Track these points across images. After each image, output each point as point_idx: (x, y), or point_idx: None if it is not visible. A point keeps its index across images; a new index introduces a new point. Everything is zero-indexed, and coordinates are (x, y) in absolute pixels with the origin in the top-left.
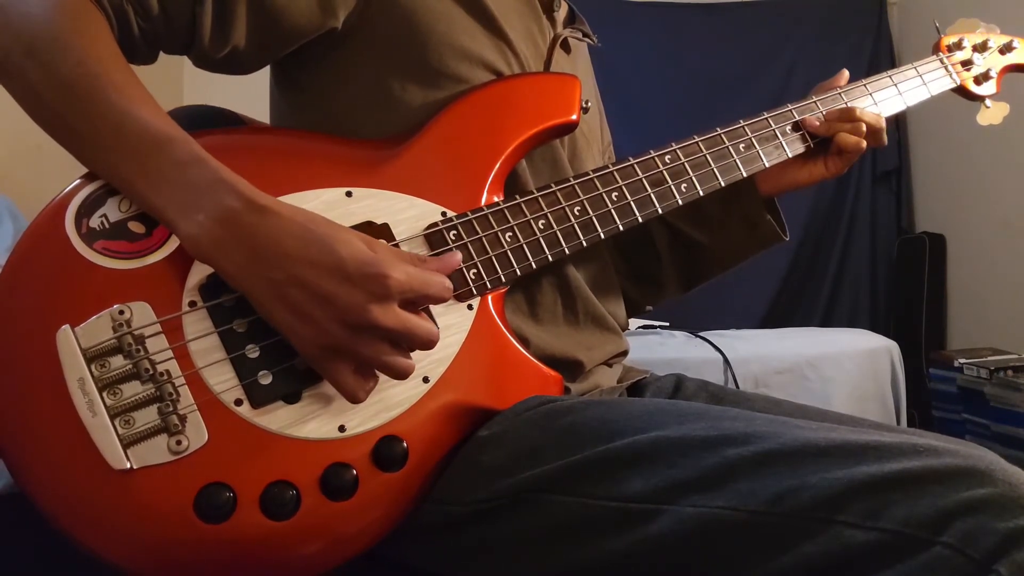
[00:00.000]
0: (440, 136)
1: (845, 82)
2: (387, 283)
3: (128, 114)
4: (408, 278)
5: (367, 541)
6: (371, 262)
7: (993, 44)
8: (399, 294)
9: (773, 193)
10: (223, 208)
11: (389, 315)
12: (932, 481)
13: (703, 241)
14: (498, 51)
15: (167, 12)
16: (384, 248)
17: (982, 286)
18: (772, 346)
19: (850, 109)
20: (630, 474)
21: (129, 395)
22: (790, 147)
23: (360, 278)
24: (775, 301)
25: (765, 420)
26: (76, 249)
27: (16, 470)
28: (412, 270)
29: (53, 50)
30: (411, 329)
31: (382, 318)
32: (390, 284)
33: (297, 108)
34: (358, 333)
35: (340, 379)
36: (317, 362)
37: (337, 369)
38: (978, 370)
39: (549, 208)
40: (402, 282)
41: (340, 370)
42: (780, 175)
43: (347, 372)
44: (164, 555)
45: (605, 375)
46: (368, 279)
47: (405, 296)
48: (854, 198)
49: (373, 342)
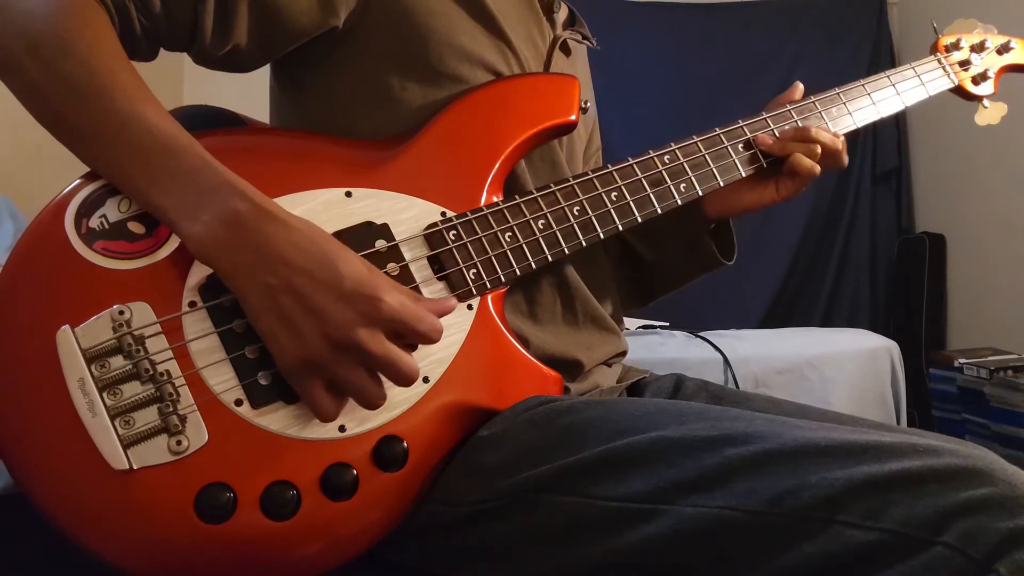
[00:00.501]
0: (440, 136)
1: (799, 96)
2: (379, 306)
3: (132, 114)
4: (401, 307)
5: (367, 541)
6: (367, 283)
7: (991, 44)
8: (389, 321)
9: (720, 215)
10: (230, 210)
11: (375, 340)
12: (932, 481)
13: (648, 258)
14: (498, 52)
15: (169, 10)
16: (384, 276)
17: (982, 286)
18: (772, 346)
19: (805, 129)
20: (630, 474)
21: (129, 395)
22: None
23: (353, 296)
24: (775, 301)
25: (765, 420)
26: (76, 249)
27: (16, 471)
28: (407, 301)
29: (55, 48)
30: (392, 360)
31: (366, 341)
32: (382, 308)
33: (297, 107)
34: (339, 352)
35: (313, 394)
36: (293, 374)
37: (311, 384)
38: (978, 370)
39: (548, 208)
40: (395, 309)
41: (314, 386)
42: (726, 197)
43: (320, 389)
44: (164, 555)
45: (605, 375)
46: (361, 299)
47: (394, 325)
48: (854, 198)
49: (351, 364)
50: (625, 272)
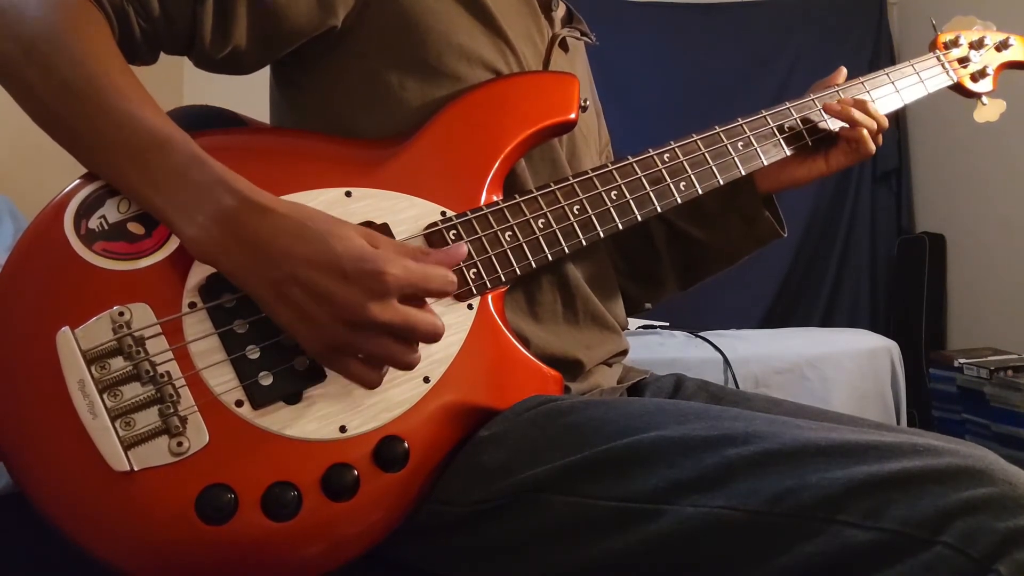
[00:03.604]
0: (439, 135)
1: (843, 79)
2: (384, 279)
3: (128, 115)
4: (407, 273)
5: (368, 541)
6: (368, 258)
7: (989, 41)
8: (397, 290)
9: (772, 190)
10: (222, 208)
11: (388, 311)
12: (932, 481)
13: (701, 238)
14: (497, 50)
15: (168, 13)
16: (385, 243)
17: (982, 286)
18: (772, 346)
19: (864, 101)
20: (630, 474)
21: (129, 397)
22: (788, 145)
23: (357, 275)
24: (775, 301)
25: (765, 420)
26: (75, 250)
27: (17, 472)
28: (412, 265)
29: (52, 51)
30: (412, 323)
31: (381, 315)
32: (387, 280)
33: (297, 107)
34: (359, 330)
35: (351, 372)
36: (325, 359)
37: (346, 364)
38: (978, 370)
39: (548, 207)
40: (400, 277)
41: (349, 364)
42: (779, 172)
43: (356, 364)
44: (165, 557)
45: (605, 375)
46: (365, 276)
47: (404, 292)
48: (854, 198)
49: (376, 337)
50: (672, 256)
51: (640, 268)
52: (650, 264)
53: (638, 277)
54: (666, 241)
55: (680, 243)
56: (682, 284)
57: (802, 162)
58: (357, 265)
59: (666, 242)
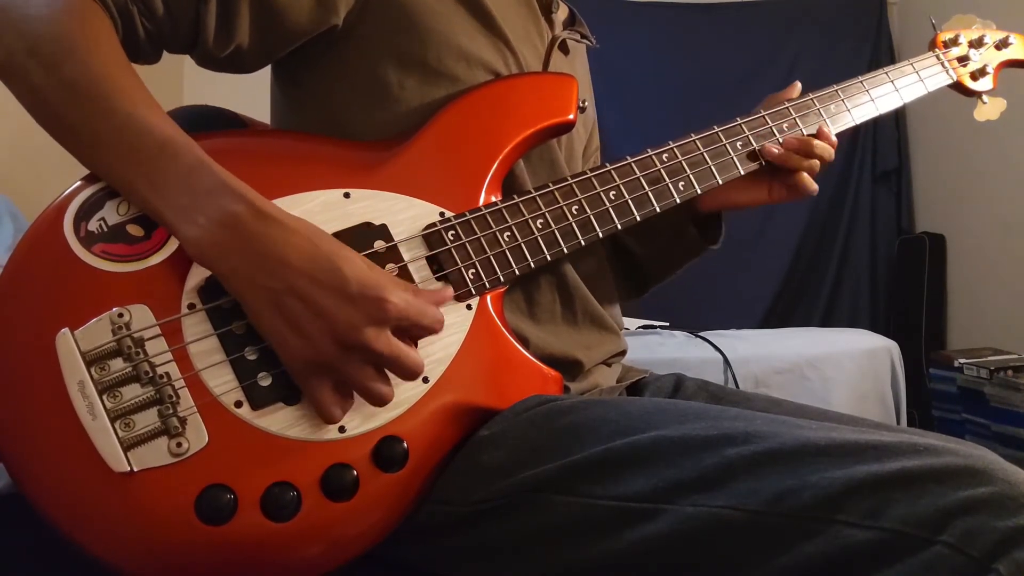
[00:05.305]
0: (438, 136)
1: (796, 95)
2: (386, 307)
3: (131, 116)
4: (406, 305)
5: (368, 542)
6: (372, 285)
7: (989, 40)
8: (395, 320)
9: (711, 211)
10: (227, 212)
11: (382, 339)
12: (932, 480)
13: (636, 251)
14: (497, 52)
15: (172, 12)
16: (384, 272)
17: (982, 286)
18: (772, 346)
19: (808, 143)
20: (630, 474)
21: (129, 398)
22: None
23: (360, 299)
24: (775, 301)
25: (765, 420)
26: (75, 252)
27: (16, 473)
28: (410, 298)
29: (56, 51)
30: (400, 357)
31: (375, 341)
32: (389, 308)
33: (297, 107)
34: (347, 352)
35: (320, 395)
36: (300, 374)
37: (319, 384)
38: (978, 370)
39: (547, 208)
40: (400, 308)
41: (321, 385)
42: (717, 195)
43: (327, 389)
44: (165, 557)
45: (604, 374)
46: (368, 301)
47: (400, 323)
48: (854, 198)
49: (360, 363)
50: (618, 267)
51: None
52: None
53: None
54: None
55: (622, 256)
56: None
57: (746, 187)
58: (362, 290)
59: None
